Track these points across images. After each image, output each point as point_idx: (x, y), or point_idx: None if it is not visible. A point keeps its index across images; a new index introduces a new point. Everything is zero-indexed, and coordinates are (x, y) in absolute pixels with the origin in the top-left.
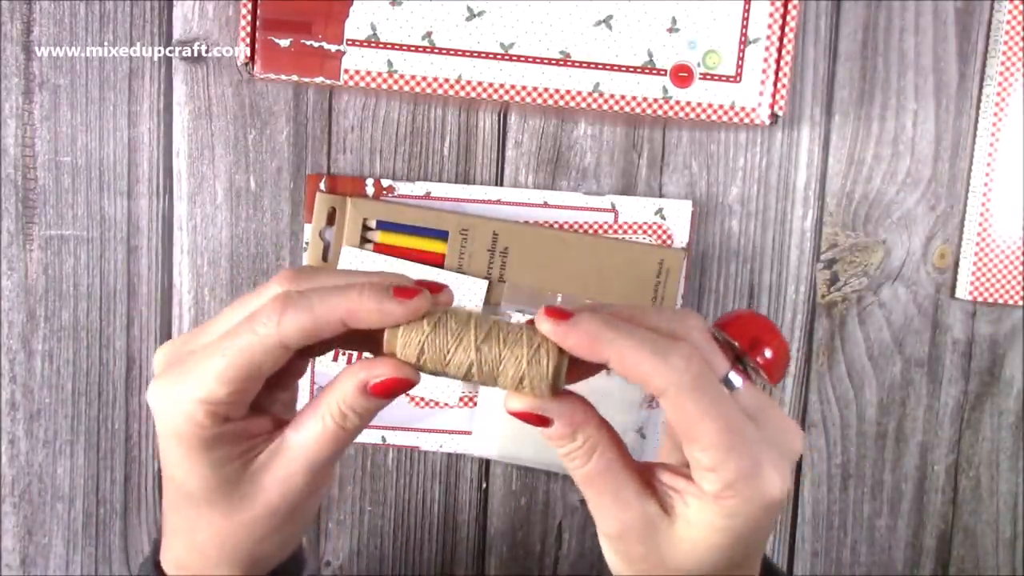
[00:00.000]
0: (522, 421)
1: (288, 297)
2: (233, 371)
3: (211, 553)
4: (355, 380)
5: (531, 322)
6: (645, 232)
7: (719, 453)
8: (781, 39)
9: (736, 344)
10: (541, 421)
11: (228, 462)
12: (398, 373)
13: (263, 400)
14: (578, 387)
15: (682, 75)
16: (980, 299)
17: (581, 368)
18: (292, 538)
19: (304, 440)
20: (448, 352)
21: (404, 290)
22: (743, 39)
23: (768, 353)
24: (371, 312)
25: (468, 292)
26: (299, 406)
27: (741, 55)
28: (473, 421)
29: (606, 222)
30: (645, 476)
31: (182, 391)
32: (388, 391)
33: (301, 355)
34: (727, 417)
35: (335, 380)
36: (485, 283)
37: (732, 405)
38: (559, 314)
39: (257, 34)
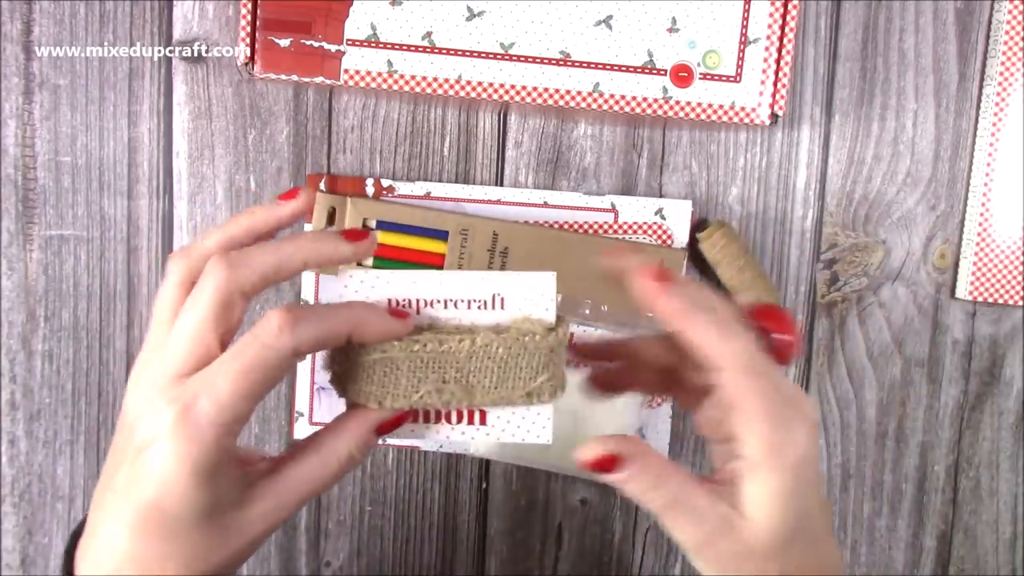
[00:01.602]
0: (597, 471)
1: (293, 310)
2: (254, 386)
3: None
4: (367, 423)
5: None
6: (645, 232)
7: (758, 420)
8: (781, 39)
9: (756, 328)
10: (613, 463)
11: (227, 489)
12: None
13: None
14: (576, 382)
15: (682, 75)
16: (980, 299)
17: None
18: (236, 569)
19: (305, 477)
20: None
21: (397, 311)
22: (743, 39)
23: (785, 337)
24: (377, 325)
25: (535, 291)
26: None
27: (741, 55)
28: None
29: (606, 222)
30: (704, 482)
31: (203, 418)
32: (394, 426)
33: None
34: (765, 388)
35: (342, 424)
36: (553, 276)
37: (770, 378)
38: (661, 274)
39: (257, 34)
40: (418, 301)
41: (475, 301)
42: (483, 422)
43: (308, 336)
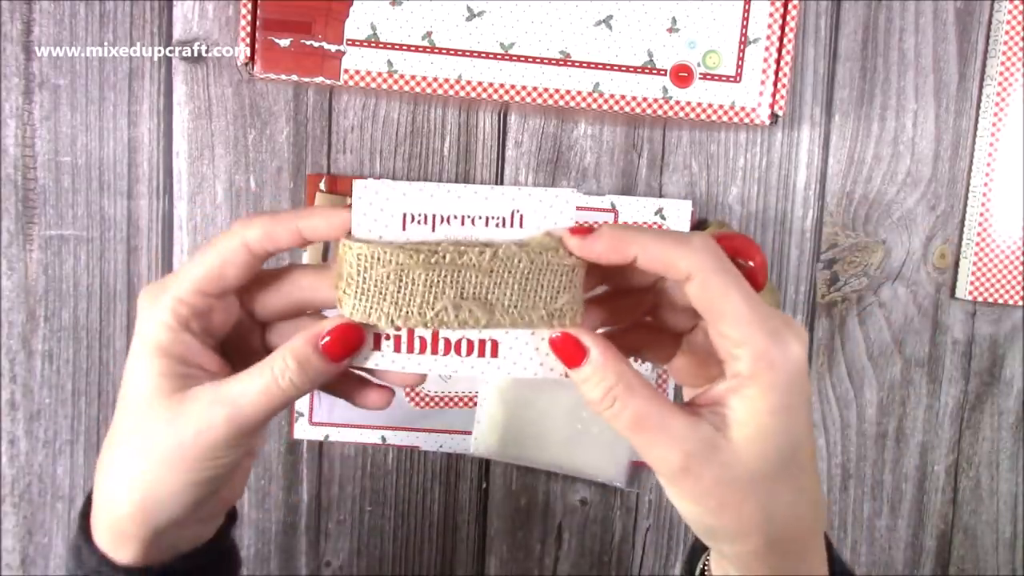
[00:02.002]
0: (558, 355)
1: (250, 213)
2: (202, 270)
3: (124, 482)
4: (306, 334)
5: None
6: None
7: (746, 325)
8: (781, 39)
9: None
10: (578, 352)
11: (171, 375)
12: (346, 322)
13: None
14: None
15: (682, 75)
16: (980, 299)
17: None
18: (195, 508)
19: (238, 387)
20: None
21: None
22: (743, 39)
23: (751, 263)
24: (320, 219)
25: (555, 208)
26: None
27: (741, 55)
28: (473, 421)
29: (606, 222)
30: (685, 407)
31: (159, 296)
32: (337, 343)
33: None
34: (747, 292)
35: (288, 342)
36: (573, 191)
37: (747, 284)
38: (583, 230)
39: (257, 34)
40: (434, 217)
41: (494, 218)
42: (495, 354)
43: (256, 228)
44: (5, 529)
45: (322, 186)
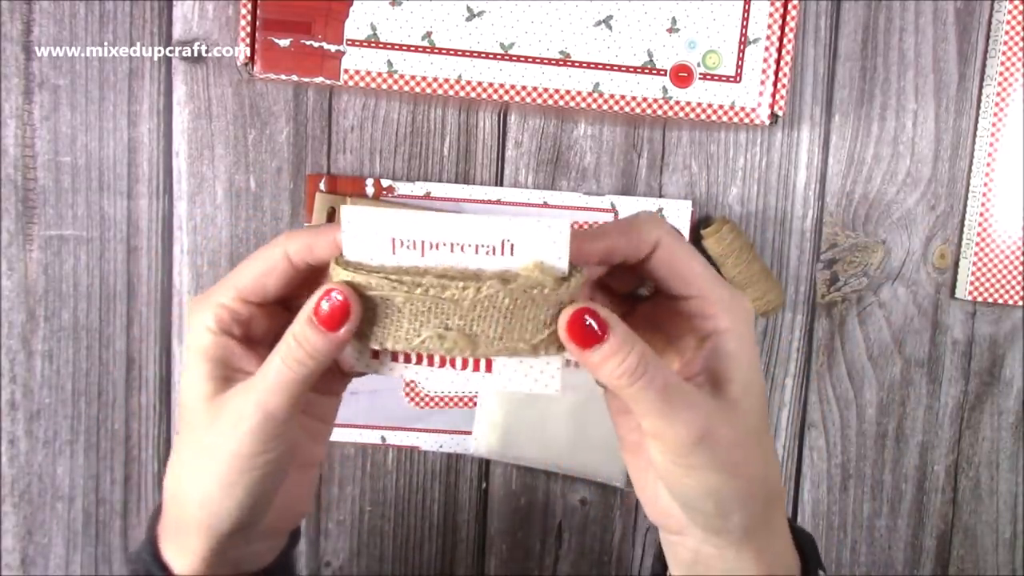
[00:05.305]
0: (573, 338)
1: (294, 228)
2: (245, 279)
3: (184, 488)
4: (301, 313)
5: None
6: None
7: (717, 282)
8: (781, 39)
9: None
10: (597, 331)
11: (215, 378)
12: (335, 287)
13: (308, 407)
14: (576, 383)
15: (682, 75)
16: (980, 299)
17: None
18: (251, 513)
19: (259, 376)
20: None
21: None
22: (743, 39)
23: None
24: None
25: (547, 239)
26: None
27: (741, 55)
28: (473, 421)
29: (606, 222)
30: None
31: (203, 303)
32: (328, 312)
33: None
34: (701, 258)
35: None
36: (567, 223)
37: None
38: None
39: (257, 34)
40: (423, 243)
41: (484, 246)
42: (489, 369)
43: (299, 240)
44: (5, 529)
45: (322, 186)
